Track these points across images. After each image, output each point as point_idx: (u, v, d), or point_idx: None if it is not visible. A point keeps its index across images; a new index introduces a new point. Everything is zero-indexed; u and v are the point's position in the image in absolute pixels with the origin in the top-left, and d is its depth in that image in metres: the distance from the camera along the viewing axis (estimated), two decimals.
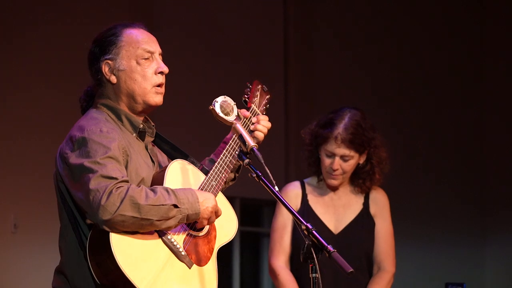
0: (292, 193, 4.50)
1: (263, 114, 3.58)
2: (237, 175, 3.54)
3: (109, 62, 3.25)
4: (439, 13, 7.49)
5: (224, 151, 3.35)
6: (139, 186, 3.05)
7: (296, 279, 4.39)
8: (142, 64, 3.25)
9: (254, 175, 3.25)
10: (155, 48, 3.29)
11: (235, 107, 3.41)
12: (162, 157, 3.42)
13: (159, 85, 3.28)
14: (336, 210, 4.49)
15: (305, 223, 3.12)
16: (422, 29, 7.46)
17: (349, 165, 4.40)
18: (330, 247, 3.09)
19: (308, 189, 4.53)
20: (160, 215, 3.03)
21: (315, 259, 3.08)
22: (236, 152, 3.35)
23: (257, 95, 3.60)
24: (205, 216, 3.16)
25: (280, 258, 4.45)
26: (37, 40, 5.76)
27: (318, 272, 3.10)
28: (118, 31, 3.27)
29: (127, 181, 3.04)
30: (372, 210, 4.51)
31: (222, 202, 3.34)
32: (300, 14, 7.12)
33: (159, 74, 3.27)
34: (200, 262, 3.20)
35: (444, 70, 7.47)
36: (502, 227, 7.22)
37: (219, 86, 3.44)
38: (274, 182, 3.17)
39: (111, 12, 5.92)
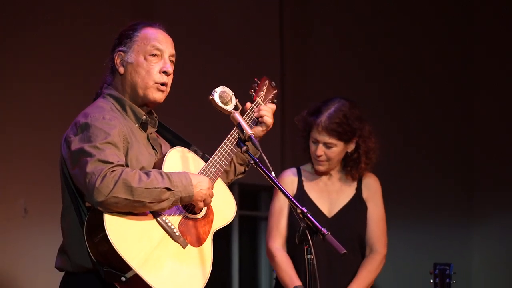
0: (288, 179, 4.63)
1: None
2: (247, 168, 3.65)
3: (122, 53, 3.38)
4: (436, 12, 7.53)
5: (225, 140, 3.45)
6: (133, 170, 3.15)
7: (291, 260, 4.51)
8: (149, 60, 3.37)
9: (252, 162, 3.39)
10: (166, 48, 3.40)
11: (233, 97, 3.51)
12: (165, 147, 3.52)
13: (162, 84, 3.38)
14: (330, 195, 4.61)
15: (300, 207, 3.23)
16: (422, 29, 7.49)
17: (333, 152, 4.51)
18: (324, 230, 3.19)
19: (303, 175, 4.64)
20: (152, 197, 3.12)
21: (310, 242, 3.18)
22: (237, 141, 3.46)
23: (264, 89, 3.70)
24: (199, 198, 3.25)
25: (277, 241, 4.57)
26: (38, 39, 5.76)
27: (313, 253, 3.20)
28: (138, 27, 3.41)
29: (122, 165, 3.15)
30: (365, 194, 4.63)
31: (222, 188, 3.46)
32: (297, 12, 7.16)
33: (163, 74, 3.38)
34: (195, 243, 3.29)
35: (433, 56, 7.50)
36: (489, 208, 7.24)
37: (218, 84, 3.53)
38: (271, 168, 3.29)
39: (112, 11, 5.89)
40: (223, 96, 3.48)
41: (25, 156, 5.48)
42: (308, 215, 3.22)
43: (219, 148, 3.44)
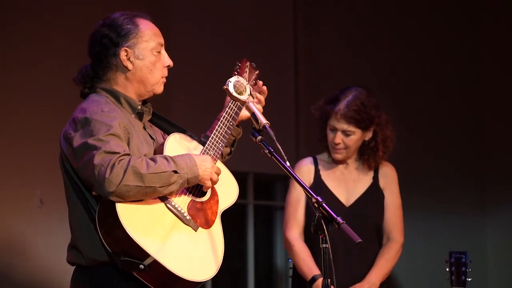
0: (305, 169, 4.64)
1: (252, 89, 3.66)
2: (232, 149, 3.69)
3: (128, 49, 3.39)
4: (439, 9, 7.52)
5: (219, 123, 3.48)
6: (140, 158, 3.18)
7: (309, 249, 4.52)
8: (157, 57, 3.43)
9: (267, 151, 3.39)
10: (162, 41, 3.48)
11: (247, 87, 3.55)
12: (159, 136, 3.56)
13: (165, 77, 3.48)
14: (347, 184, 4.61)
15: (315, 196, 3.25)
16: (426, 27, 7.49)
17: (351, 140, 4.51)
18: (339, 219, 3.21)
19: (320, 164, 4.64)
20: (162, 181, 3.15)
21: (325, 231, 3.19)
22: (231, 124, 3.49)
23: (246, 71, 3.72)
24: (206, 177, 3.29)
25: (294, 230, 4.58)
26: (55, 24, 5.78)
27: (328, 242, 3.21)
28: (135, 21, 3.42)
29: (128, 154, 3.18)
30: (381, 183, 4.64)
31: (222, 169, 3.46)
32: (310, 9, 7.16)
33: (167, 67, 3.47)
34: (205, 225, 3.32)
35: (443, 57, 7.49)
36: (502, 197, 7.24)
37: (231, 75, 3.56)
38: (285, 157, 3.33)
39: (124, 4, 5.95)
40: (237, 86, 3.52)
41: (40, 146, 5.48)
42: (323, 204, 3.24)
43: (214, 131, 3.47)
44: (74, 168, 3.25)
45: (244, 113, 3.59)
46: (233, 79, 3.53)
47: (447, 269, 4.38)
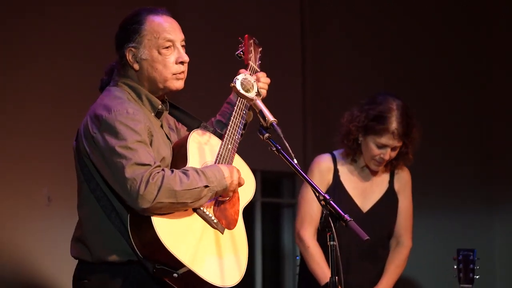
0: (325, 166, 4.59)
1: (259, 69, 3.70)
2: (243, 132, 3.61)
3: (133, 50, 3.35)
4: (443, 9, 7.51)
5: (234, 113, 3.49)
6: (172, 172, 3.16)
7: (322, 247, 4.50)
8: (163, 54, 3.35)
9: (274, 149, 3.38)
10: (176, 36, 3.39)
11: (255, 84, 3.53)
12: (172, 125, 3.55)
13: (180, 73, 3.39)
14: (365, 188, 4.59)
15: (323, 194, 3.22)
16: (432, 28, 7.48)
17: (396, 153, 4.51)
18: (346, 216, 3.18)
19: (339, 164, 4.59)
20: (194, 197, 3.16)
21: (333, 228, 3.16)
22: (244, 112, 3.49)
23: (251, 51, 3.76)
24: (232, 189, 3.31)
25: (309, 229, 4.55)
26: (63, 19, 5.76)
27: (336, 240, 3.17)
28: (142, 19, 3.36)
29: (159, 166, 3.16)
30: (396, 186, 4.62)
31: (239, 162, 3.49)
32: (317, 10, 7.16)
33: (180, 64, 3.38)
34: (230, 226, 3.35)
35: (448, 56, 7.48)
36: (510, 195, 7.22)
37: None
38: (293, 155, 3.31)
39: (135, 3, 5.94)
40: (244, 83, 3.51)
41: (47, 144, 5.50)
42: (331, 201, 3.21)
43: (230, 123, 3.47)
44: (98, 168, 3.22)
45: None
46: (240, 77, 3.51)
47: (455, 267, 4.38)
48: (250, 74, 3.60)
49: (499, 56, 7.43)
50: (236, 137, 3.45)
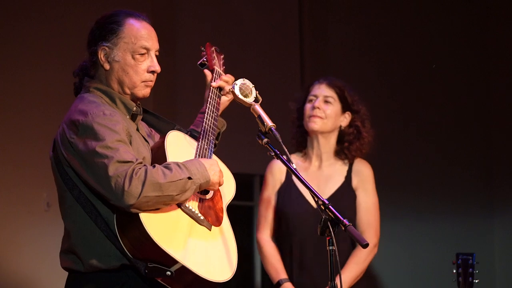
0: (276, 168, 4.57)
1: (224, 74, 3.71)
2: (217, 142, 3.65)
3: (106, 49, 3.32)
4: (447, 10, 7.52)
5: (206, 115, 3.51)
6: (154, 166, 3.15)
7: (279, 251, 4.46)
8: (137, 59, 3.32)
9: (273, 154, 3.40)
10: (153, 45, 3.36)
11: (253, 89, 3.53)
12: (149, 137, 3.51)
13: (150, 81, 3.37)
14: (319, 184, 4.50)
15: (322, 198, 3.21)
16: (434, 29, 7.50)
17: (329, 109, 4.48)
18: (345, 221, 3.16)
19: (293, 162, 4.54)
20: (179, 189, 3.14)
21: (332, 233, 3.15)
22: (216, 114, 3.53)
23: (214, 57, 3.75)
24: (215, 181, 3.29)
25: (265, 232, 4.53)
26: (55, 21, 5.79)
27: (335, 245, 3.17)
28: (121, 20, 3.33)
29: (141, 163, 3.14)
30: (354, 182, 4.53)
31: (218, 162, 3.48)
32: (316, 12, 7.17)
33: (150, 73, 3.35)
34: (216, 223, 3.34)
35: (450, 58, 7.49)
36: (510, 198, 7.23)
37: (238, 77, 3.57)
38: (292, 160, 3.33)
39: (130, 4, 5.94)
40: (243, 88, 3.51)
41: (47, 149, 5.47)
42: (329, 206, 3.21)
43: (203, 124, 3.49)
44: (79, 174, 3.20)
45: (224, 99, 3.65)
46: (239, 82, 3.52)
47: (454, 271, 4.36)
48: (216, 77, 3.65)
49: (503, 59, 7.43)
50: (211, 138, 3.47)
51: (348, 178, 4.53)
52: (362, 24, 7.27)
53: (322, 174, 4.53)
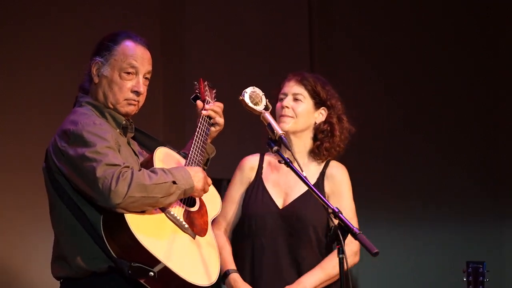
0: (247, 166, 4.40)
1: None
2: (205, 167, 3.74)
3: (99, 63, 3.47)
4: (451, 13, 7.52)
5: (195, 137, 3.58)
6: (140, 170, 3.28)
7: (234, 254, 4.30)
8: (123, 78, 3.46)
9: (283, 162, 3.40)
10: (142, 67, 3.48)
11: (263, 97, 3.56)
12: (140, 154, 3.62)
13: (133, 100, 3.48)
14: (288, 185, 4.31)
15: (332, 207, 3.23)
16: (437, 33, 7.49)
17: (300, 107, 4.27)
18: (355, 229, 3.15)
19: (265, 161, 4.38)
20: (163, 192, 3.25)
21: (342, 241, 3.15)
22: (205, 139, 3.60)
23: (207, 90, 3.83)
24: (200, 188, 3.39)
25: (219, 227, 4.35)
26: (67, 23, 5.75)
27: (345, 253, 3.16)
28: (118, 40, 3.49)
29: (128, 167, 3.25)
30: (327, 188, 4.32)
31: None
32: (324, 17, 7.19)
33: (134, 92, 3.47)
34: (201, 233, 3.44)
35: (455, 62, 7.49)
36: None
37: (247, 83, 3.57)
38: (302, 167, 3.37)
39: (139, 9, 5.87)
40: (253, 96, 3.54)
41: (38, 146, 5.52)
42: (340, 214, 3.21)
43: (192, 145, 3.57)
44: (69, 178, 3.30)
45: (212, 129, 3.71)
46: (249, 90, 3.54)
47: (464, 279, 4.35)
48: (207, 107, 3.71)
49: (508, 63, 7.42)
50: (199, 158, 3.54)
51: (320, 181, 4.31)
52: (372, 29, 7.27)
53: (292, 176, 4.07)
